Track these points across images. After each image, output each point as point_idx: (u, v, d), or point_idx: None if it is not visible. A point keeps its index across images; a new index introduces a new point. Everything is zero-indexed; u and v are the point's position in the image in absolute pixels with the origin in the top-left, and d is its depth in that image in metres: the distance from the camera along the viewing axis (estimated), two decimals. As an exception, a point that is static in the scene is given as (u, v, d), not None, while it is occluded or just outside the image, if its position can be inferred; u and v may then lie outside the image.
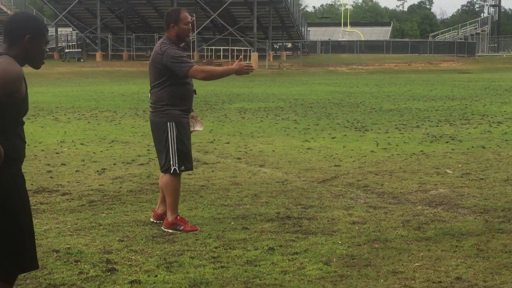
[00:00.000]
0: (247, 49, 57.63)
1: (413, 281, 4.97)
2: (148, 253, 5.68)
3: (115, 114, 17.75)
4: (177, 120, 6.38)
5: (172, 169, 6.38)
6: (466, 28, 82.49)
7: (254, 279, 5.03)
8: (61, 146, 11.95)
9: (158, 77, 6.39)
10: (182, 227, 6.37)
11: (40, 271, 5.17)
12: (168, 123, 6.37)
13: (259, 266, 5.34)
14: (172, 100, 6.37)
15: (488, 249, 5.75)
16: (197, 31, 56.61)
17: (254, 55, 55.27)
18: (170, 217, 6.41)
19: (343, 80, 37.62)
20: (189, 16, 6.44)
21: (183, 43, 6.45)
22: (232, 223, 6.64)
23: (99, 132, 13.77)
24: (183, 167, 6.43)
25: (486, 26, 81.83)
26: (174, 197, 6.46)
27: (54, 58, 58.96)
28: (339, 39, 76.47)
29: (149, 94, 6.72)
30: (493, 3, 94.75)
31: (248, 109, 19.37)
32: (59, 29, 64.84)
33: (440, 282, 4.95)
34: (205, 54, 58.95)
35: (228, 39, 59.25)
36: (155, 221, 6.66)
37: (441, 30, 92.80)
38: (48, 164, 9.99)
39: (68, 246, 5.84)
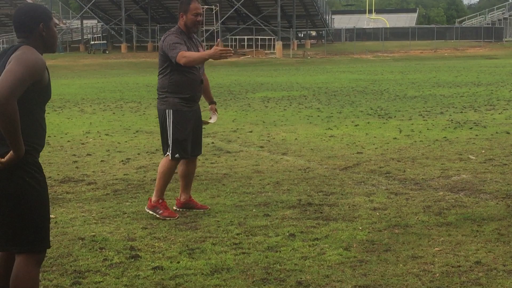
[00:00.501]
0: (271, 38, 57.59)
1: (432, 266, 5.01)
2: (171, 240, 5.77)
3: (140, 105, 17.91)
4: (175, 108, 6.44)
5: (169, 155, 6.51)
6: (494, 13, 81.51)
7: (275, 265, 5.10)
8: (87, 136, 12.11)
9: (161, 64, 6.50)
10: (161, 211, 6.47)
11: (66, 258, 5.31)
12: (167, 110, 6.46)
13: (280, 252, 5.41)
14: (172, 87, 6.43)
15: (509, 233, 5.76)
16: (221, 20, 56.68)
17: (279, 44, 55.24)
18: (153, 199, 6.53)
19: (368, 68, 37.48)
20: (200, 7, 6.49)
21: (192, 33, 6.55)
22: (254, 210, 6.71)
23: (123, 123, 13.93)
24: (177, 155, 6.50)
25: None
26: (164, 181, 6.57)
27: (80, 50, 59.50)
28: (364, 27, 76.05)
29: None
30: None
31: (271, 98, 19.41)
32: (84, 22, 65.34)
33: (460, 266, 4.98)
34: (229, 44, 58.94)
35: (252, 29, 59.21)
36: (177, 209, 6.76)
37: (468, 16, 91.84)
38: (74, 155, 10.14)
39: (93, 233, 5.96)
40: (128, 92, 22.25)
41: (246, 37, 59.65)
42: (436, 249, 5.39)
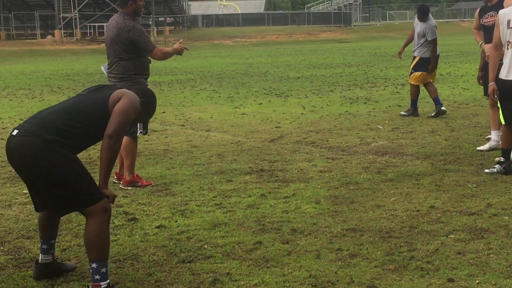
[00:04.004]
0: (131, 25, 57.10)
1: (396, 211, 5.89)
2: (157, 205, 6.32)
3: (31, 92, 17.80)
4: (143, 87, 7.03)
5: (138, 133, 7.10)
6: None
7: (263, 218, 5.80)
8: (2, 122, 12.14)
9: (125, 51, 7.00)
10: (140, 183, 7.08)
11: (69, 223, 5.74)
12: (118, 87, 7.00)
13: (260, 208, 6.12)
14: (138, 69, 7.04)
15: (444, 184, 6.77)
16: (78, 8, 55.74)
17: (139, 31, 54.92)
18: (128, 176, 7.07)
19: (234, 53, 38.50)
20: None
21: (138, 18, 7.23)
22: (215, 177, 7.36)
23: (31, 109, 13.96)
24: (144, 131, 7.24)
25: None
26: (133, 159, 7.14)
27: None
28: (216, 13, 77.03)
29: (104, 67, 7.40)
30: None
31: (160, 82, 19.85)
32: None
33: (418, 210, 5.91)
34: (88, 31, 58.12)
35: (111, 16, 58.52)
36: (116, 181, 7.23)
37: (315, 2, 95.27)
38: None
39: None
40: (9, 80, 21.87)
41: (105, 24, 58.82)
42: (392, 199, 6.29)
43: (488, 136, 8.95)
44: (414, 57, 11.53)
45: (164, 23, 69.26)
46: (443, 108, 11.29)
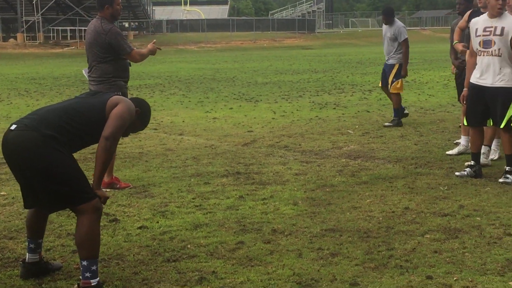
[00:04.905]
0: (95, 29, 56.74)
1: (372, 213, 6.06)
2: (137, 206, 6.40)
3: (-2, 95, 17.68)
4: (122, 90, 7.16)
5: None
6: (303, 6, 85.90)
7: (244, 219, 5.92)
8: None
9: (102, 54, 7.08)
10: (118, 185, 7.17)
11: (52, 224, 5.78)
12: (116, 93, 7.08)
13: (239, 210, 6.23)
14: (117, 72, 7.13)
15: (416, 187, 6.97)
16: (41, 12, 55.28)
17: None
18: (106, 178, 7.15)
19: (199, 58, 38.58)
20: None
21: (115, 22, 7.31)
22: (193, 180, 7.46)
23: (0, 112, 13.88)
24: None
25: (322, 3, 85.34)
26: (111, 161, 7.18)
27: None
28: (180, 18, 76.92)
29: (85, 70, 7.47)
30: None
31: (128, 86, 19.75)
32: None
33: (393, 212, 6.08)
34: (51, 35, 57.65)
35: (75, 19, 58.23)
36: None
37: (280, 9, 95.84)
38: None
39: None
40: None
41: (68, 28, 58.54)
42: (367, 201, 6.46)
43: (457, 141, 9.19)
44: (393, 65, 11.18)
45: (128, 28, 68.96)
46: (401, 120, 11.27)
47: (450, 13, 76.99)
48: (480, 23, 7.18)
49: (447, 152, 8.71)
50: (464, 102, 7.51)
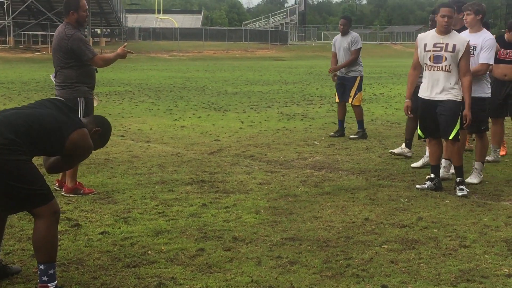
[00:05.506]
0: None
1: (333, 222, 6.15)
2: (99, 212, 6.42)
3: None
4: (85, 96, 7.20)
5: None
6: (276, 18, 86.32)
7: (205, 227, 5.96)
8: None
9: (65, 59, 7.13)
10: (82, 190, 7.18)
11: (13, 228, 5.78)
12: (78, 98, 7.14)
13: (202, 217, 6.28)
14: (80, 78, 7.17)
15: (378, 198, 7.08)
16: (12, 16, 54.86)
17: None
18: (70, 184, 7.16)
19: (171, 66, 38.57)
20: (86, 4, 7.30)
21: (81, 28, 7.34)
22: (157, 187, 7.49)
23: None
24: None
25: (295, 15, 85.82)
26: (75, 167, 7.20)
27: None
28: (152, 26, 76.83)
29: (52, 76, 7.50)
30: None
31: (97, 92, 19.76)
32: None
33: (354, 222, 6.17)
34: (21, 39, 57.22)
35: (47, 25, 57.87)
36: (65, 194, 7.24)
37: (253, 19, 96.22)
38: None
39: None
40: None
41: (40, 33, 58.17)
42: (329, 211, 6.55)
43: (392, 150, 9.60)
44: (355, 78, 11.32)
45: (100, 35, 68.71)
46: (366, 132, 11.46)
47: (421, 28, 77.97)
48: (428, 38, 7.44)
49: (412, 165, 8.85)
50: (409, 113, 7.72)
